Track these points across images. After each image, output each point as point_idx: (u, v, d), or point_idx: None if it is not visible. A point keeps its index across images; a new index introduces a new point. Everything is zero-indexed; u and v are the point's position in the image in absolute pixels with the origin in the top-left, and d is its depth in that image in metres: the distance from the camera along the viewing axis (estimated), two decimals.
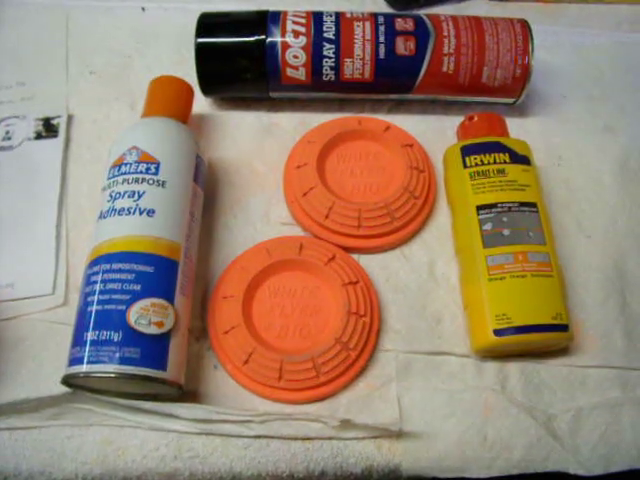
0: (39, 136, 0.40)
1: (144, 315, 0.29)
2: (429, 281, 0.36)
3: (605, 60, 0.47)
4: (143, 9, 0.47)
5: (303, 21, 0.38)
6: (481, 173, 0.35)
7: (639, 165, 0.41)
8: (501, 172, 0.35)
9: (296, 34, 0.38)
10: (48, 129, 0.40)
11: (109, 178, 0.33)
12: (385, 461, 0.32)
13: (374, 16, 0.39)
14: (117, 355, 0.28)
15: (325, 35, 0.38)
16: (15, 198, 0.38)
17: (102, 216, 0.32)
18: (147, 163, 0.33)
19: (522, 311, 0.32)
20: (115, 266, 0.30)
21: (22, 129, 0.40)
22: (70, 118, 0.41)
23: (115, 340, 0.29)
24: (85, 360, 0.28)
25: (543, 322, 0.32)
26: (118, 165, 0.33)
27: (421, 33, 0.38)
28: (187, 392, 0.32)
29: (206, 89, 0.40)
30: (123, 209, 0.32)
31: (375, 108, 0.43)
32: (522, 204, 0.34)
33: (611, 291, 0.36)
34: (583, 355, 0.35)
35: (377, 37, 0.38)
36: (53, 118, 0.41)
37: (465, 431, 0.32)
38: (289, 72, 0.38)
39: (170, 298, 0.30)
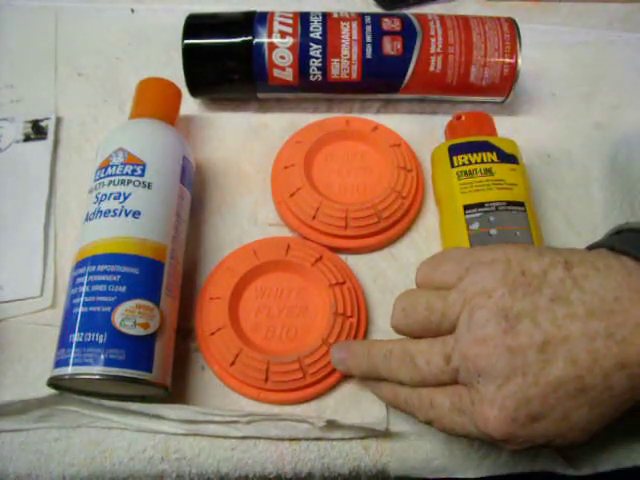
0: (28, 138, 0.40)
1: (129, 316, 0.29)
2: None
3: (595, 59, 0.47)
4: (132, 11, 0.47)
5: (290, 22, 0.38)
6: (468, 172, 0.35)
7: (628, 161, 0.41)
8: (488, 171, 0.35)
9: (283, 34, 0.38)
10: (37, 131, 0.40)
11: (95, 180, 0.33)
12: (373, 462, 0.31)
13: (361, 16, 0.39)
14: (102, 357, 0.28)
15: (312, 35, 0.38)
16: (3, 200, 0.38)
17: (88, 218, 0.32)
18: (133, 165, 0.33)
19: None
20: (100, 268, 0.30)
21: (10, 131, 0.40)
22: (59, 120, 0.41)
23: (100, 342, 0.29)
24: (70, 362, 0.28)
25: None
26: (104, 167, 0.33)
27: (408, 33, 0.38)
28: (175, 393, 0.32)
29: (194, 90, 0.40)
30: (109, 211, 0.32)
31: (364, 108, 0.43)
32: (509, 203, 0.34)
33: None
34: None
35: (364, 37, 0.38)
36: (42, 120, 0.41)
37: None
38: (276, 73, 0.38)
39: (156, 299, 0.30)
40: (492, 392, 0.24)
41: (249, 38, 0.38)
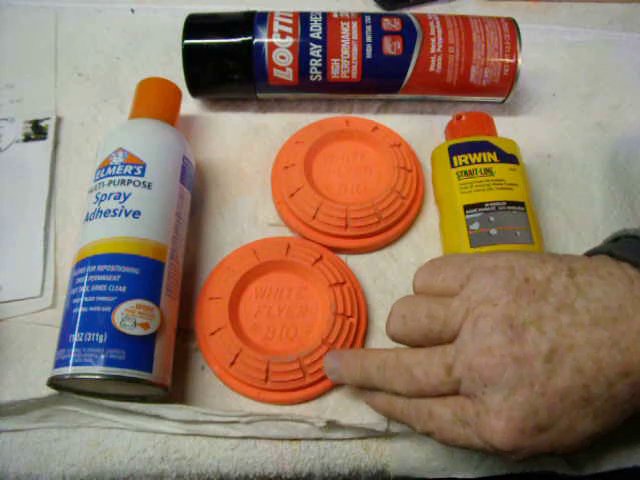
0: (28, 138, 0.40)
1: (129, 316, 0.29)
2: None
3: (595, 58, 0.47)
4: (132, 11, 0.47)
5: (290, 22, 0.38)
6: (468, 172, 0.35)
7: (628, 160, 0.41)
8: (488, 171, 0.35)
9: (283, 35, 0.38)
10: (37, 131, 0.40)
11: (95, 180, 0.33)
12: (373, 462, 0.31)
13: (361, 16, 0.39)
14: (102, 357, 0.28)
15: (312, 35, 0.38)
16: (3, 200, 0.38)
17: (88, 218, 0.32)
18: (133, 165, 0.33)
19: None
20: (100, 268, 0.30)
21: (11, 131, 0.40)
22: (59, 120, 0.41)
23: (100, 342, 0.29)
24: (71, 362, 0.28)
25: None
26: (104, 167, 0.33)
27: (408, 33, 0.38)
28: (175, 393, 0.32)
29: (194, 90, 0.40)
30: (109, 211, 0.32)
31: (364, 108, 0.43)
32: (509, 203, 0.34)
33: None
34: None
35: (364, 37, 0.38)
36: (42, 120, 0.41)
37: None
38: (276, 73, 0.38)
39: (156, 299, 0.30)
40: (498, 403, 0.24)
41: (249, 38, 0.38)
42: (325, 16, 0.39)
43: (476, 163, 0.35)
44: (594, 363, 0.23)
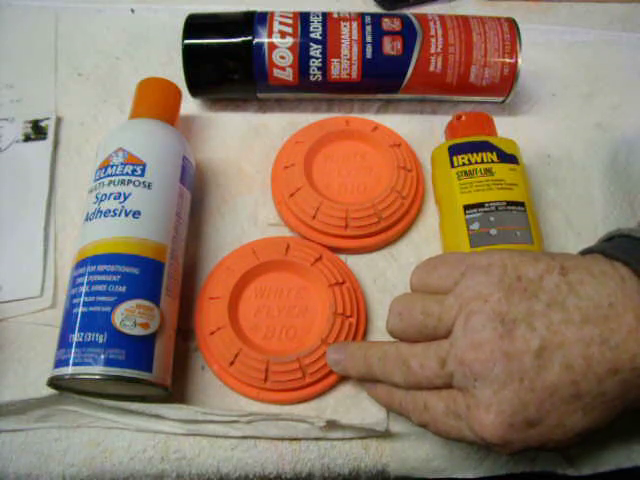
0: (28, 138, 0.40)
1: (129, 316, 0.29)
2: None
3: (595, 59, 0.47)
4: (132, 11, 0.47)
5: (290, 22, 0.38)
6: (468, 172, 0.35)
7: (628, 160, 0.41)
8: (488, 171, 0.35)
9: (283, 35, 0.38)
10: (37, 131, 0.40)
11: (95, 180, 0.33)
12: (373, 462, 0.31)
13: (361, 16, 0.39)
14: (102, 357, 0.28)
15: (312, 35, 0.38)
16: (3, 200, 0.38)
17: (88, 218, 0.32)
18: (133, 165, 0.33)
19: None
20: (100, 268, 0.30)
21: (11, 131, 0.40)
22: (59, 120, 0.41)
23: (100, 342, 0.29)
24: (71, 362, 0.28)
25: None
26: (104, 167, 0.33)
27: (408, 33, 0.38)
28: (175, 393, 0.32)
29: (194, 90, 0.40)
30: (109, 211, 0.32)
31: (364, 108, 0.43)
32: (509, 203, 0.34)
33: None
34: None
35: (364, 37, 0.38)
36: (42, 120, 0.41)
37: None
38: (276, 73, 0.38)
39: (156, 299, 0.30)
40: (488, 397, 0.24)
41: (249, 38, 0.38)
42: (325, 16, 0.39)
43: (476, 163, 0.35)
44: (584, 360, 0.24)
